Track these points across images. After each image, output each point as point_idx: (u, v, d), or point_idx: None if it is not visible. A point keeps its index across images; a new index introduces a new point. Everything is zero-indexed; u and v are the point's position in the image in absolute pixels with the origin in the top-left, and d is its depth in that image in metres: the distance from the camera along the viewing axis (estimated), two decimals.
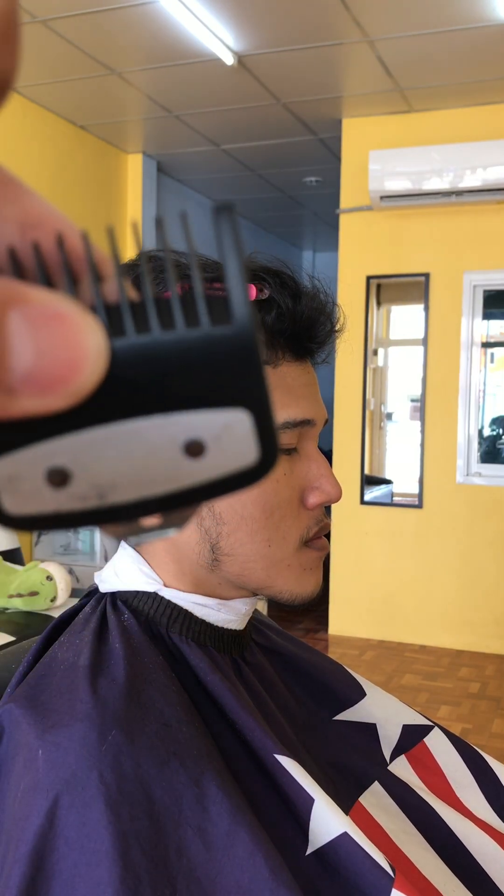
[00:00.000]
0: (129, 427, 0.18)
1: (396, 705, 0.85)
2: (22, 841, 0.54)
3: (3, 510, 0.18)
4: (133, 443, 0.18)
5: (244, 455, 0.19)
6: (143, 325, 0.18)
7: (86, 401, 0.17)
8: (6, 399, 0.16)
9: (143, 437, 0.18)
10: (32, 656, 0.70)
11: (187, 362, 0.18)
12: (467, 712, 3.69)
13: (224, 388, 0.18)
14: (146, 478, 0.19)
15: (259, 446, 0.19)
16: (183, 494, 0.19)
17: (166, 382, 0.18)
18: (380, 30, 3.53)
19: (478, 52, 3.73)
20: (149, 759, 0.57)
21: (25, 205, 0.17)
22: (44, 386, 0.16)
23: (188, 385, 0.18)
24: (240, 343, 0.18)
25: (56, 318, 0.16)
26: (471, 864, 0.73)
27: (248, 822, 0.56)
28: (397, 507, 4.80)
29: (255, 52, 3.76)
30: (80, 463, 0.18)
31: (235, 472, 0.19)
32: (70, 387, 0.16)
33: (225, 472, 0.19)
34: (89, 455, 0.18)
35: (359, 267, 4.67)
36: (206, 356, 0.18)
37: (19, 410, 0.16)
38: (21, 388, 0.16)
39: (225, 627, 0.72)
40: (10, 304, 0.15)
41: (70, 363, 0.16)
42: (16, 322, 0.15)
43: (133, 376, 0.18)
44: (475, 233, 4.45)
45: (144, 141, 5.06)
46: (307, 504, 0.71)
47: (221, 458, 0.19)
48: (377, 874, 0.59)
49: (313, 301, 0.70)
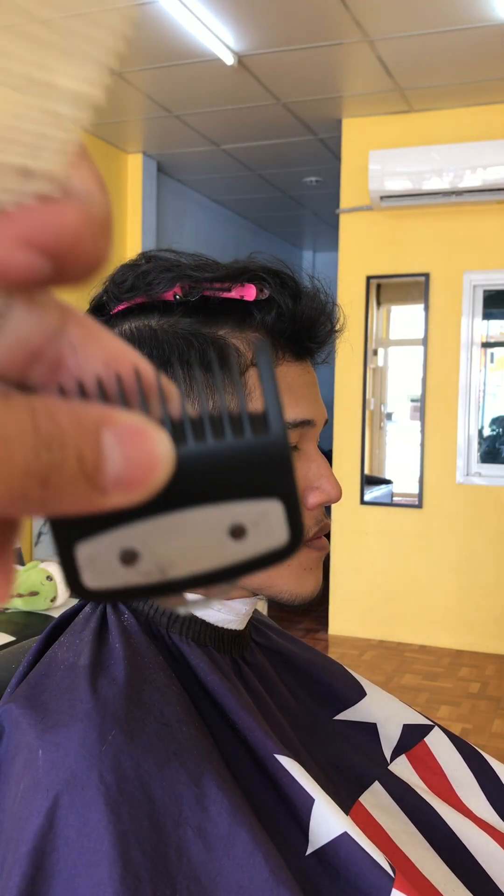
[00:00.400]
0: (186, 515, 0.23)
1: (396, 705, 0.85)
2: (22, 841, 0.54)
3: (84, 585, 0.23)
4: (189, 527, 0.23)
5: (277, 537, 0.24)
6: (201, 435, 0.22)
7: (157, 494, 0.21)
8: (100, 496, 0.20)
9: (197, 523, 0.23)
10: (32, 656, 0.70)
11: (233, 464, 0.23)
12: (467, 712, 3.69)
13: (262, 483, 0.23)
14: (199, 556, 0.23)
15: (289, 529, 0.24)
16: (228, 570, 0.24)
17: (217, 479, 0.23)
18: (380, 30, 3.53)
19: (478, 52, 3.73)
20: (149, 759, 0.57)
21: (106, 344, 0.22)
22: (128, 486, 0.20)
23: (234, 481, 0.23)
24: (275, 450, 0.23)
25: (138, 433, 0.20)
26: (471, 864, 0.73)
27: (248, 822, 0.56)
28: (397, 507, 4.80)
29: (255, 52, 3.76)
30: (147, 545, 0.23)
31: (270, 551, 0.24)
32: (147, 485, 0.20)
33: (261, 550, 0.24)
34: (155, 538, 0.23)
35: (359, 267, 4.67)
36: (248, 459, 0.23)
37: (108, 505, 0.20)
38: (112, 488, 0.20)
39: (225, 627, 0.71)
40: (103, 424, 0.20)
41: (148, 468, 0.20)
42: (108, 438, 0.20)
43: (191, 474, 0.22)
44: (475, 233, 4.45)
45: (144, 141, 5.06)
46: (307, 504, 0.71)
47: (259, 540, 0.23)
48: (377, 874, 0.59)
49: (313, 301, 0.70)
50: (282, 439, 0.23)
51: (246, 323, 0.68)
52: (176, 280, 0.68)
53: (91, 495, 0.20)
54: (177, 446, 0.22)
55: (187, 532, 0.23)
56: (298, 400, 0.69)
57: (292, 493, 0.23)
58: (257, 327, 0.68)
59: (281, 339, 0.69)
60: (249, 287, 0.67)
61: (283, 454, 0.23)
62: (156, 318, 0.68)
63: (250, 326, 0.68)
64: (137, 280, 0.69)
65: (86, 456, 0.19)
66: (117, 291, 0.70)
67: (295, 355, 0.71)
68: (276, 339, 0.69)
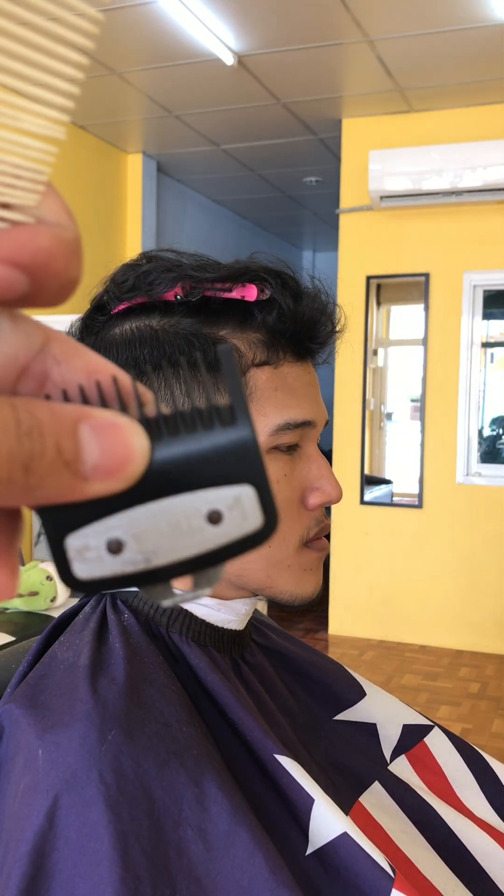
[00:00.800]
0: (165, 504, 0.25)
1: (396, 705, 0.85)
2: (22, 840, 0.54)
3: (75, 576, 0.25)
4: (169, 515, 0.25)
5: (252, 520, 0.25)
6: (174, 430, 0.25)
7: (135, 486, 0.24)
8: (81, 484, 0.23)
9: (177, 511, 0.25)
10: (32, 656, 0.70)
11: (205, 454, 0.25)
12: (467, 712, 3.69)
13: (233, 471, 0.25)
14: (180, 543, 0.25)
15: (262, 513, 0.25)
16: (209, 555, 0.25)
17: (191, 469, 0.25)
18: (380, 30, 3.53)
19: (478, 52, 3.73)
20: (149, 759, 0.57)
21: (87, 358, 0.24)
22: (106, 474, 0.23)
23: (207, 470, 0.25)
24: (243, 436, 0.25)
25: (113, 426, 0.23)
26: (471, 864, 0.73)
27: (248, 822, 0.56)
28: (397, 507, 4.80)
29: (255, 52, 3.76)
30: (132, 534, 0.25)
31: (247, 535, 0.25)
32: (125, 473, 0.23)
33: (240, 533, 0.25)
34: (138, 527, 0.25)
35: (359, 267, 4.67)
36: (219, 449, 0.25)
37: (90, 493, 0.23)
38: (91, 475, 0.23)
39: (225, 627, 0.71)
40: (81, 419, 0.23)
41: (124, 457, 0.23)
42: (85, 430, 0.23)
43: (167, 466, 0.24)
44: (475, 233, 4.45)
45: (144, 141, 5.06)
46: (307, 505, 0.71)
47: (235, 523, 0.25)
48: (377, 874, 0.59)
49: (314, 301, 0.70)
50: (247, 427, 0.25)
51: (247, 323, 0.68)
52: (177, 280, 0.68)
53: (73, 482, 0.22)
54: (152, 440, 0.24)
55: (168, 520, 0.25)
56: (299, 400, 0.69)
57: (263, 478, 0.25)
58: (258, 328, 0.68)
59: (282, 340, 0.69)
60: (250, 287, 0.67)
61: (250, 442, 0.25)
62: (157, 318, 0.68)
63: (251, 327, 0.68)
64: (138, 280, 0.69)
65: (64, 446, 0.22)
66: (118, 291, 0.70)
67: (296, 356, 0.71)
68: (276, 340, 0.69)
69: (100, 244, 5.02)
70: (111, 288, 0.71)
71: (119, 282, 0.70)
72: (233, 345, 0.67)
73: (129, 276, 0.70)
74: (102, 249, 5.01)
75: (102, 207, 5.09)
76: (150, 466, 0.24)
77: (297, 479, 0.70)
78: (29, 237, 0.22)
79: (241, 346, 0.67)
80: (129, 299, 0.69)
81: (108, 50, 3.79)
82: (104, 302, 0.71)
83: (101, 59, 3.87)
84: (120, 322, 0.70)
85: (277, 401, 0.68)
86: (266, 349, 0.68)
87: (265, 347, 0.68)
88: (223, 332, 0.67)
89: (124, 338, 0.68)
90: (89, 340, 0.71)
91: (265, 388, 0.68)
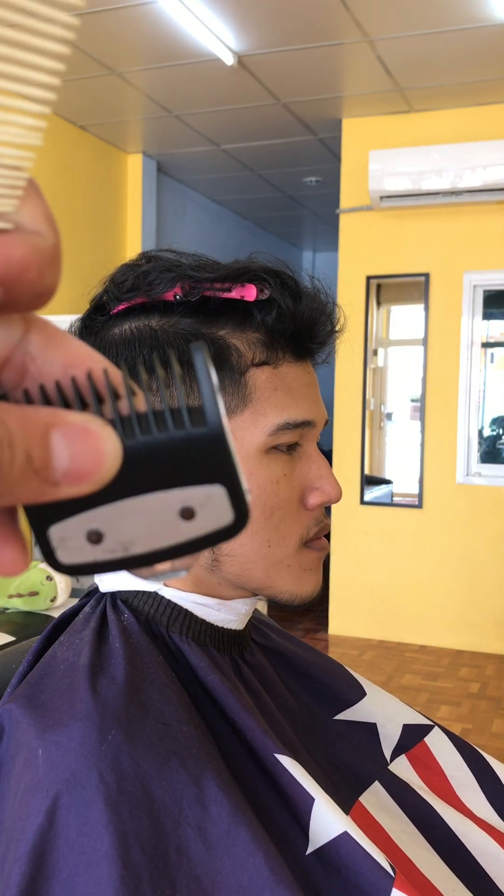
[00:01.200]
0: (140, 500, 0.26)
1: (397, 705, 0.85)
2: (22, 840, 0.54)
3: (59, 561, 0.26)
4: (144, 511, 0.26)
5: (224, 517, 0.27)
6: (147, 430, 0.25)
7: (112, 483, 0.25)
8: (52, 489, 0.23)
9: (151, 507, 0.26)
10: (32, 656, 0.70)
11: (177, 453, 0.26)
12: (467, 712, 3.69)
13: (204, 470, 0.26)
14: (156, 535, 0.26)
15: (233, 510, 0.26)
16: (182, 546, 0.27)
17: (163, 468, 0.26)
18: (380, 30, 3.53)
19: (478, 52, 3.73)
20: (149, 759, 0.57)
21: (67, 349, 0.25)
22: (76, 479, 0.23)
23: (178, 469, 0.26)
24: (213, 438, 0.25)
25: (84, 432, 0.23)
26: (471, 864, 0.73)
27: (248, 822, 0.56)
28: (397, 507, 4.80)
29: (255, 52, 3.76)
30: (109, 526, 0.26)
31: (218, 529, 0.27)
32: (95, 478, 0.24)
33: (211, 529, 0.27)
34: (115, 521, 0.26)
35: (359, 267, 4.67)
36: (190, 448, 0.25)
37: (61, 496, 0.24)
38: (61, 481, 0.23)
39: (225, 627, 0.72)
40: (52, 426, 0.23)
41: (94, 463, 0.23)
42: (56, 438, 0.23)
43: (141, 464, 0.25)
44: (475, 233, 4.45)
45: (144, 141, 5.06)
46: (307, 504, 0.71)
47: (207, 520, 0.26)
48: (377, 874, 0.59)
49: (314, 301, 0.70)
50: (218, 429, 0.25)
51: (246, 323, 0.68)
52: (176, 280, 0.68)
53: (43, 488, 0.23)
54: (125, 440, 0.25)
55: (143, 514, 0.26)
56: (298, 400, 0.69)
57: (233, 477, 0.26)
58: (258, 327, 0.68)
59: (281, 340, 0.69)
60: (250, 287, 0.67)
61: (220, 442, 0.26)
62: (156, 318, 0.68)
63: (251, 327, 0.68)
64: (138, 280, 0.69)
65: (34, 455, 0.23)
66: (118, 291, 0.70)
67: (295, 356, 0.71)
68: (276, 340, 0.69)
69: (100, 244, 5.02)
70: (111, 288, 0.71)
71: (118, 282, 0.70)
72: (232, 345, 0.67)
73: (128, 276, 0.70)
74: (102, 249, 5.01)
75: (102, 207, 5.09)
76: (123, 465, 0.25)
77: (296, 479, 0.70)
78: (2, 247, 0.22)
79: (241, 345, 0.67)
80: (129, 299, 0.69)
81: (108, 50, 3.78)
82: (104, 302, 0.71)
83: (101, 59, 3.87)
84: (119, 322, 0.70)
85: (277, 401, 0.68)
86: (265, 349, 0.68)
87: (264, 347, 0.68)
88: (222, 332, 0.67)
89: (124, 338, 0.68)
90: (89, 341, 0.71)
91: (265, 388, 0.68)
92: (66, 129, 4.69)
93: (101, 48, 3.76)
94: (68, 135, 4.71)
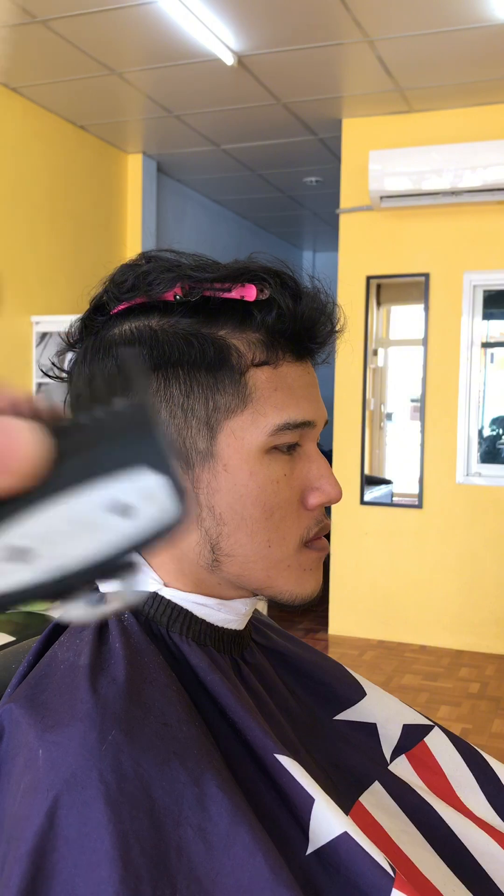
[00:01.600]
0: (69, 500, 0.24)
1: (396, 705, 0.85)
2: (22, 840, 0.54)
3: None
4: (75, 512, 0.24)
5: (164, 507, 0.26)
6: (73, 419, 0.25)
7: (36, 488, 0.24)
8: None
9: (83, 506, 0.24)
10: (32, 656, 0.70)
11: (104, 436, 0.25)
12: (467, 712, 3.69)
13: (132, 454, 0.25)
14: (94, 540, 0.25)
15: (173, 496, 0.26)
16: (127, 548, 0.25)
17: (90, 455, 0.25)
18: (380, 30, 3.53)
19: (478, 52, 3.73)
20: (149, 759, 0.57)
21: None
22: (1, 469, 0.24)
23: (105, 455, 0.25)
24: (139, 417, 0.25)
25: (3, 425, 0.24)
26: (471, 864, 0.73)
27: (248, 822, 0.56)
28: (397, 507, 4.80)
29: (255, 52, 3.76)
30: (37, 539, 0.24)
31: (162, 521, 0.25)
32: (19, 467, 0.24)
33: (153, 522, 0.25)
34: (43, 530, 0.24)
35: (359, 267, 4.67)
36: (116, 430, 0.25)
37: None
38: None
39: (225, 627, 0.72)
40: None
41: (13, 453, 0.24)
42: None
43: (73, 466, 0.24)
44: (475, 233, 4.45)
45: (144, 141, 5.06)
46: (307, 505, 0.71)
47: (148, 512, 0.25)
48: (377, 874, 0.59)
49: (314, 301, 0.70)
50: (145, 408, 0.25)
51: (246, 323, 0.68)
52: (176, 280, 0.68)
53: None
54: (50, 433, 0.25)
55: (75, 517, 0.24)
56: (298, 401, 0.69)
57: (164, 459, 0.25)
58: (257, 327, 0.68)
59: (281, 340, 0.69)
60: (250, 287, 0.67)
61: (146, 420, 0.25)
62: (156, 318, 0.68)
63: (250, 327, 0.68)
64: (138, 280, 0.69)
65: None
66: (117, 291, 0.70)
67: (295, 356, 0.71)
68: (276, 340, 0.69)
69: (100, 244, 5.02)
70: (110, 288, 0.71)
71: (118, 282, 0.70)
72: (232, 345, 0.67)
73: (128, 276, 0.70)
74: (102, 249, 5.01)
75: (102, 207, 5.09)
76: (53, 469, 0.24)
77: (296, 479, 0.70)
78: None
79: (241, 346, 0.67)
80: (129, 299, 0.69)
81: (108, 50, 3.79)
82: (103, 302, 0.71)
83: (101, 59, 3.87)
84: (119, 322, 0.70)
85: (277, 401, 0.68)
86: (265, 349, 0.68)
87: (264, 347, 0.68)
88: (222, 332, 0.67)
89: (124, 338, 0.68)
90: (89, 341, 0.71)
91: (264, 388, 0.68)
92: (66, 129, 4.69)
93: (101, 48, 3.76)
94: (68, 135, 4.71)
